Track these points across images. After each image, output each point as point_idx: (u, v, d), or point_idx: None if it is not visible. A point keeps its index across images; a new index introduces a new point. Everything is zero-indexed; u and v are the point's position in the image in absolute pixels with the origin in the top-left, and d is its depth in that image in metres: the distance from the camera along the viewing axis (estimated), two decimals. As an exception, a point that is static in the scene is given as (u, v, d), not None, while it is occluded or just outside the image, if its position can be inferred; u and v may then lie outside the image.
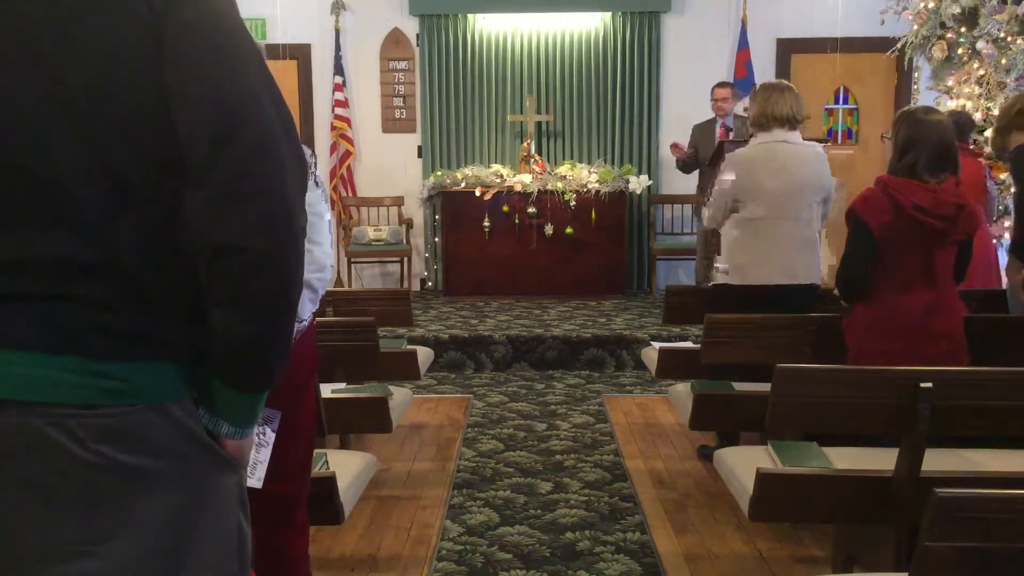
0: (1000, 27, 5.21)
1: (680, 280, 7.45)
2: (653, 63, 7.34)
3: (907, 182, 2.65)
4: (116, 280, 0.99)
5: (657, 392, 4.97)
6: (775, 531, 3.04)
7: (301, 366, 2.09)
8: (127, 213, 0.99)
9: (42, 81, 0.97)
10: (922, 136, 2.65)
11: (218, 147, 0.98)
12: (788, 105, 3.44)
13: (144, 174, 1.00)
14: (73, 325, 0.97)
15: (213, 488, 1.06)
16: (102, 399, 0.98)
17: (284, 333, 1.06)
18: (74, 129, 0.97)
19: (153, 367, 1.01)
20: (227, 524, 1.08)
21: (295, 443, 2.08)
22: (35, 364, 0.96)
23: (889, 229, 2.66)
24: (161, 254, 1.02)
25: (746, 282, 3.47)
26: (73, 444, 0.96)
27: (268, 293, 1.01)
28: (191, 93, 0.99)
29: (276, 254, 1.01)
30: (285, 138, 1.03)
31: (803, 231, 3.46)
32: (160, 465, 1.00)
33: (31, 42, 0.97)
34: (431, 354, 4.24)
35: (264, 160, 1.00)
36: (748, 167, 3.44)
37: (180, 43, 0.99)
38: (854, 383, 2.19)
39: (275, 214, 1.00)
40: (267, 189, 1.00)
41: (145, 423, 0.99)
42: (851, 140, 7.46)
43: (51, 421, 0.96)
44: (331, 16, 7.35)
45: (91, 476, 0.97)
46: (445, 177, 6.94)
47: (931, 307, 2.68)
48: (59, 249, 0.97)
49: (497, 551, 2.92)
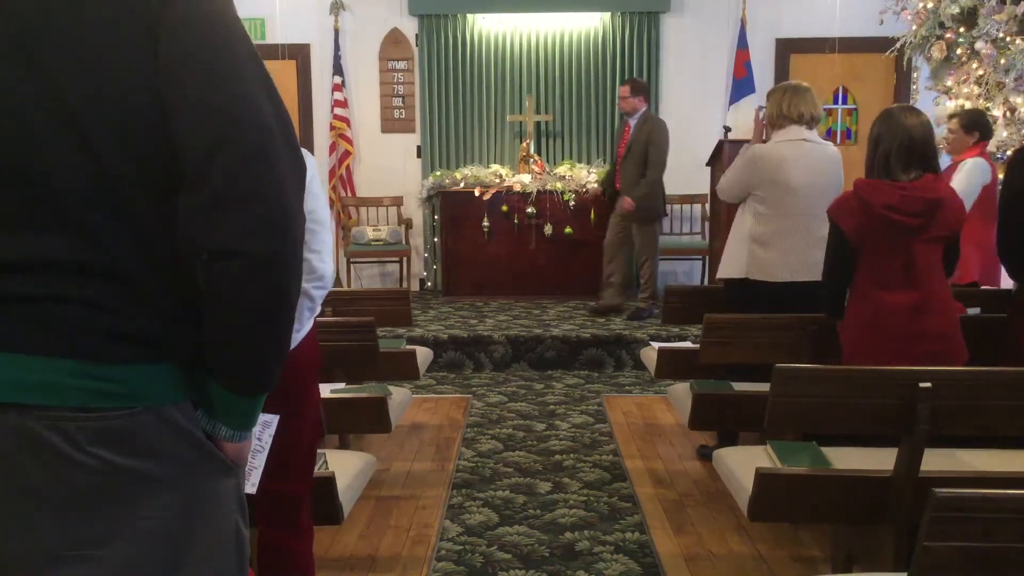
0: (999, 27, 5.21)
1: (679, 280, 7.45)
2: (652, 63, 7.34)
3: (877, 182, 2.67)
4: (114, 282, 0.98)
5: (656, 392, 4.97)
6: (774, 531, 3.04)
7: (304, 369, 2.09)
8: (125, 215, 0.99)
9: (40, 82, 0.96)
10: (890, 132, 2.66)
11: (214, 150, 0.97)
12: (810, 104, 3.45)
13: (142, 176, 0.99)
14: (70, 327, 0.96)
15: (211, 491, 1.05)
16: (100, 402, 0.97)
17: (282, 336, 1.05)
18: (71, 130, 0.97)
19: (151, 369, 1.00)
20: (225, 527, 1.08)
21: (299, 445, 2.08)
22: (32, 367, 0.95)
23: (862, 230, 2.67)
24: (159, 256, 1.01)
25: (768, 279, 3.46)
26: (70, 447, 0.95)
27: (266, 296, 1.00)
28: (187, 94, 0.98)
29: (274, 257, 0.99)
30: (283, 140, 1.02)
31: (821, 228, 3.48)
32: (157, 468, 1.00)
33: (29, 43, 0.96)
34: (430, 354, 4.24)
35: (261, 163, 0.98)
36: (776, 163, 3.42)
37: (175, 41, 0.98)
38: (853, 383, 2.19)
39: (273, 217, 0.99)
40: (264, 192, 0.98)
41: (143, 426, 0.99)
42: (850, 140, 7.46)
43: (48, 424, 0.95)
44: (330, 16, 7.35)
45: (88, 480, 0.96)
46: (444, 177, 6.95)
47: (917, 306, 2.67)
48: (56, 251, 0.96)
49: (496, 551, 2.92)
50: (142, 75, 0.98)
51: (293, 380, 2.07)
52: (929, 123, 2.72)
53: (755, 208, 3.49)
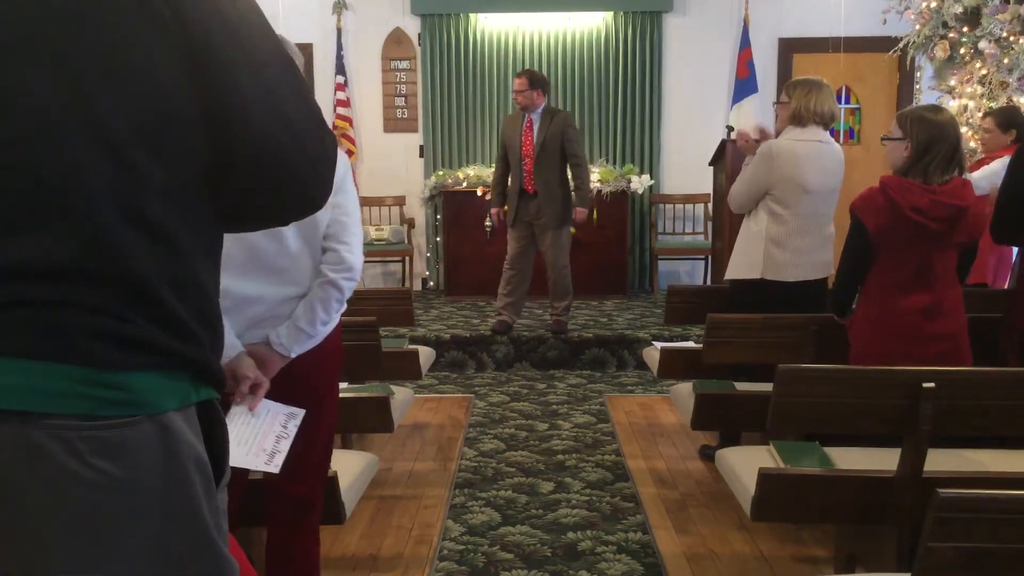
0: (1002, 27, 5.20)
1: (682, 280, 7.45)
2: (655, 63, 7.33)
3: (907, 183, 2.64)
4: (124, 288, 0.96)
5: (659, 392, 4.97)
6: (777, 531, 3.04)
7: (329, 363, 2.09)
8: (142, 220, 0.97)
9: (64, 81, 0.93)
10: (942, 137, 2.64)
11: (242, 148, 1.00)
12: (829, 103, 3.44)
13: (163, 178, 0.97)
14: (74, 333, 0.94)
15: (198, 506, 1.03)
16: (104, 410, 0.94)
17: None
18: (93, 131, 0.94)
19: (155, 376, 0.98)
20: (209, 544, 1.05)
21: (313, 445, 2.07)
22: (34, 373, 0.93)
23: (885, 229, 2.65)
24: (174, 262, 0.99)
25: (784, 279, 3.45)
26: (71, 458, 0.92)
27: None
28: (217, 91, 0.98)
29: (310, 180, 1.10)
30: (312, 130, 1.06)
31: (829, 227, 3.52)
32: (153, 480, 0.97)
33: (47, 40, 0.93)
34: (432, 354, 4.24)
35: (287, 159, 1.04)
36: (793, 163, 3.39)
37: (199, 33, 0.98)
38: (856, 383, 2.19)
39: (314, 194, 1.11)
40: (296, 178, 1.06)
41: (144, 436, 0.96)
42: (853, 140, 7.46)
43: (50, 433, 0.92)
44: (333, 15, 7.35)
45: (87, 495, 0.93)
46: (447, 177, 6.94)
47: (929, 309, 2.67)
48: (61, 255, 0.93)
49: (499, 551, 2.91)
50: (168, 74, 0.97)
51: (318, 373, 2.06)
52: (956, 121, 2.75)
53: (771, 207, 3.45)
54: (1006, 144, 4.43)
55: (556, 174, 5.31)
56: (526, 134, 5.35)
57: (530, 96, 5.31)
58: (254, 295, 1.94)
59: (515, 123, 5.42)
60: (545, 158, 5.29)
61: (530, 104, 5.32)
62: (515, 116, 5.47)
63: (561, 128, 5.28)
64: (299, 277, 1.98)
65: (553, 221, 5.32)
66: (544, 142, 5.28)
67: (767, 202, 3.48)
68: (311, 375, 2.03)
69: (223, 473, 1.09)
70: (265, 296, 1.95)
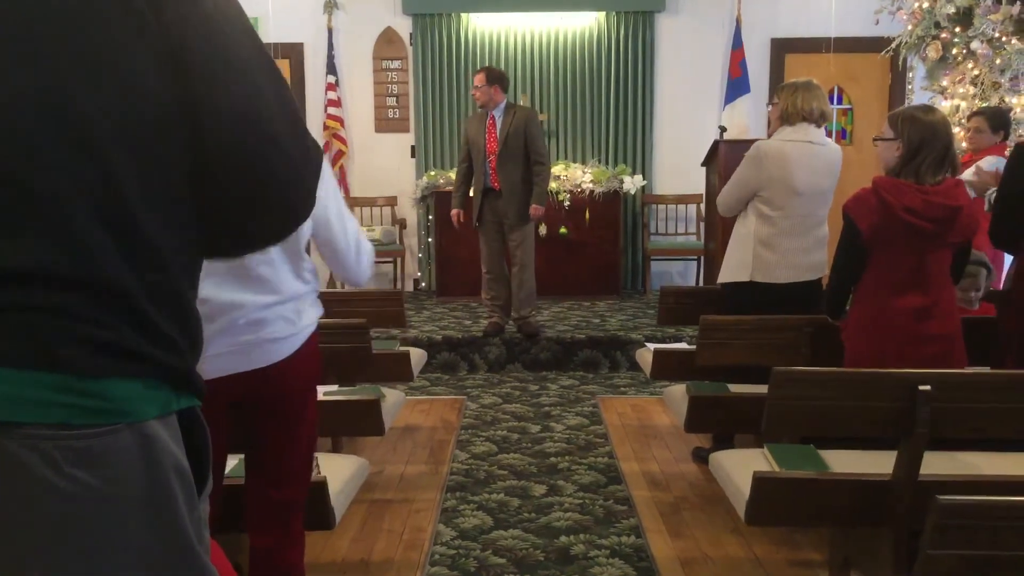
0: (995, 27, 5.20)
1: (674, 280, 7.44)
2: (647, 63, 7.32)
3: (900, 183, 2.62)
4: (100, 293, 0.93)
5: (652, 394, 4.94)
6: (771, 535, 3.02)
7: (307, 368, 2.07)
8: (120, 223, 0.94)
9: (44, 82, 0.92)
10: (934, 137, 2.63)
11: (227, 154, 0.98)
12: (822, 101, 3.43)
13: (143, 182, 0.96)
14: (50, 339, 0.91)
15: (179, 516, 1.00)
16: (81, 419, 0.92)
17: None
18: (70, 132, 0.92)
19: (135, 384, 0.95)
20: (191, 555, 1.03)
21: (294, 449, 2.07)
22: (9, 381, 0.90)
23: (878, 230, 2.64)
24: (154, 267, 0.97)
25: (773, 280, 3.43)
26: (47, 469, 0.90)
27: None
28: (203, 96, 0.96)
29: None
30: (295, 135, 1.04)
31: (822, 229, 3.49)
32: (133, 490, 0.95)
33: (26, 40, 0.92)
34: (424, 355, 4.21)
35: (273, 160, 1.01)
36: (782, 163, 3.37)
37: (180, 35, 0.96)
38: (851, 385, 2.17)
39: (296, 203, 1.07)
40: (283, 183, 1.04)
41: (124, 445, 0.94)
42: (845, 140, 7.46)
43: (26, 444, 0.89)
44: (324, 15, 7.32)
45: (65, 507, 0.91)
46: (438, 177, 6.92)
47: (923, 310, 2.66)
48: (37, 259, 0.91)
49: (491, 555, 2.88)
50: (149, 76, 0.95)
51: (300, 379, 2.05)
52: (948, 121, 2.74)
53: (760, 209, 3.44)
54: (995, 143, 4.46)
55: (519, 171, 5.27)
56: (490, 131, 5.33)
57: (487, 92, 5.27)
58: (234, 302, 1.92)
59: (479, 122, 5.40)
60: (508, 155, 5.26)
61: (489, 101, 5.29)
62: (479, 115, 5.44)
63: (524, 124, 5.24)
64: (279, 285, 1.98)
65: (519, 219, 5.32)
66: (507, 138, 5.25)
67: (756, 204, 3.46)
68: (289, 381, 2.02)
69: (204, 482, 1.06)
70: (245, 303, 1.94)
